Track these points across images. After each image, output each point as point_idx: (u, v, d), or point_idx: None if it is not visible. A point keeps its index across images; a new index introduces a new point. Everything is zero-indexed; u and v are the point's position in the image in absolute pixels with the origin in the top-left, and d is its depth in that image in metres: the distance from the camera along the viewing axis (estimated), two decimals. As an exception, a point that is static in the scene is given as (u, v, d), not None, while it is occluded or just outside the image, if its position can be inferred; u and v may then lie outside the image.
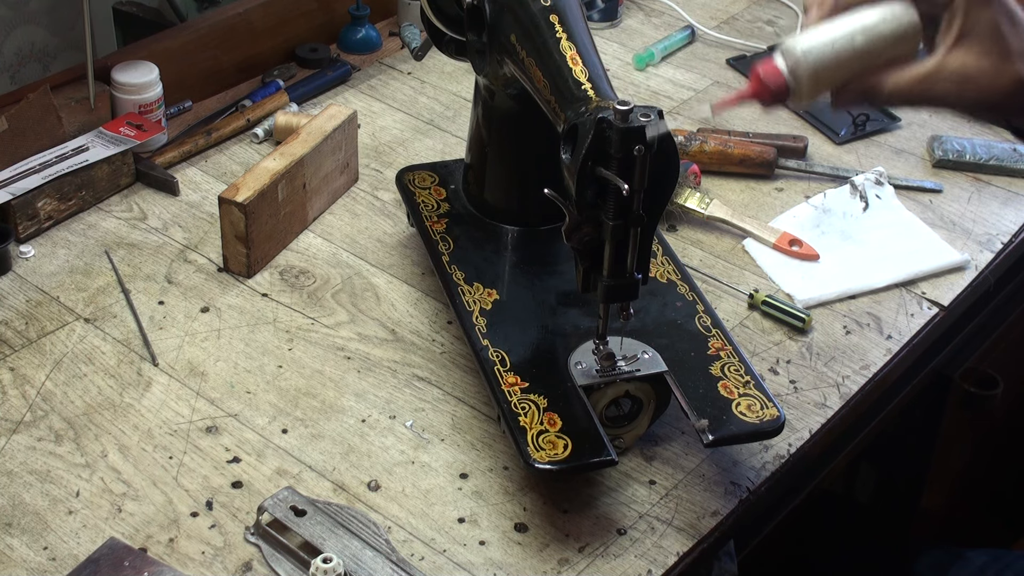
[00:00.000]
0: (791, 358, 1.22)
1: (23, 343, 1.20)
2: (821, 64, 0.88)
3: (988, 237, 1.40)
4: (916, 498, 1.68)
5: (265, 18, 1.62)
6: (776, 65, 0.90)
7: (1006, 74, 0.86)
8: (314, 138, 1.34)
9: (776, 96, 0.90)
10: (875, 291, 1.31)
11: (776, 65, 0.90)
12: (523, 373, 1.07)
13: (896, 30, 0.87)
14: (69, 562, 0.98)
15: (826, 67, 0.88)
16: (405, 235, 1.36)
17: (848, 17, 0.89)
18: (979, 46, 0.85)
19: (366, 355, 1.20)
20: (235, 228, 1.26)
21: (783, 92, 0.89)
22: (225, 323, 1.23)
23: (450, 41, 1.21)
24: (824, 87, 0.89)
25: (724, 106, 0.93)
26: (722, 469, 1.09)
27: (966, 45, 0.86)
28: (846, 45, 0.87)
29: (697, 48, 1.76)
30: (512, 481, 1.07)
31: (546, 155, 1.06)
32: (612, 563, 1.01)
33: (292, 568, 0.98)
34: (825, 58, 0.87)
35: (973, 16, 0.85)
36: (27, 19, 1.65)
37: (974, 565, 1.40)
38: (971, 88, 0.86)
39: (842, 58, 0.87)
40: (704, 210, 1.38)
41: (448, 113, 1.58)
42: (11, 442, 1.09)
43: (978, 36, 0.85)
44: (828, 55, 0.87)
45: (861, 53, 0.87)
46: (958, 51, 0.86)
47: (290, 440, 1.10)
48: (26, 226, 1.32)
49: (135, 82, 1.43)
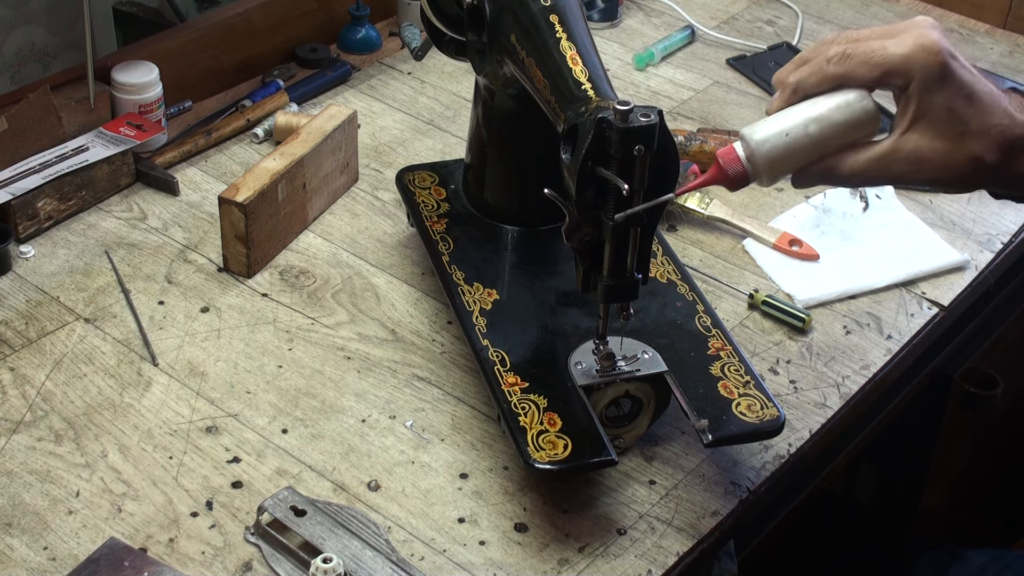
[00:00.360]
0: (791, 358, 1.22)
1: (23, 343, 1.20)
2: (775, 153, 0.89)
3: (988, 237, 1.40)
4: (916, 498, 1.68)
5: (265, 18, 1.62)
6: (735, 152, 0.91)
7: (961, 153, 0.87)
8: (314, 138, 1.34)
9: (736, 181, 0.92)
10: (875, 291, 1.31)
11: (735, 152, 0.91)
12: (523, 373, 1.07)
13: (850, 118, 0.89)
14: (69, 562, 0.98)
15: (780, 156, 0.89)
16: (405, 235, 1.36)
17: (804, 105, 0.90)
18: (933, 129, 0.86)
19: (366, 355, 1.20)
20: (235, 228, 1.26)
21: (742, 178, 0.91)
22: (225, 323, 1.23)
23: (450, 41, 1.21)
24: (781, 173, 0.91)
25: (687, 191, 0.95)
26: (722, 469, 1.09)
27: (920, 129, 0.87)
28: (800, 134, 0.89)
29: (697, 48, 1.76)
30: (512, 481, 1.07)
31: (546, 155, 1.06)
32: (612, 563, 1.01)
33: (292, 568, 0.98)
34: (779, 147, 0.89)
35: (927, 100, 0.86)
36: (27, 19, 1.65)
37: (974, 565, 1.40)
38: (926, 168, 0.87)
39: (796, 146, 0.89)
40: (704, 210, 1.39)
41: (448, 113, 1.58)
42: (11, 442, 1.09)
43: (931, 120, 0.86)
44: (782, 144, 0.89)
45: (815, 141, 0.89)
46: (912, 134, 0.87)
47: (290, 440, 1.10)
48: (26, 226, 1.32)
49: (135, 82, 1.43)
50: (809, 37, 1.79)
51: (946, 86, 0.86)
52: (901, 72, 0.86)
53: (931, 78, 0.85)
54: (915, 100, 0.87)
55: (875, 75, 0.88)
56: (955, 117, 0.86)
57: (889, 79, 0.88)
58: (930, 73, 0.85)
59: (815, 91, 0.90)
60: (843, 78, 0.89)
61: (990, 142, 0.87)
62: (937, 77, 0.85)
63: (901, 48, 0.86)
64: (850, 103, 0.89)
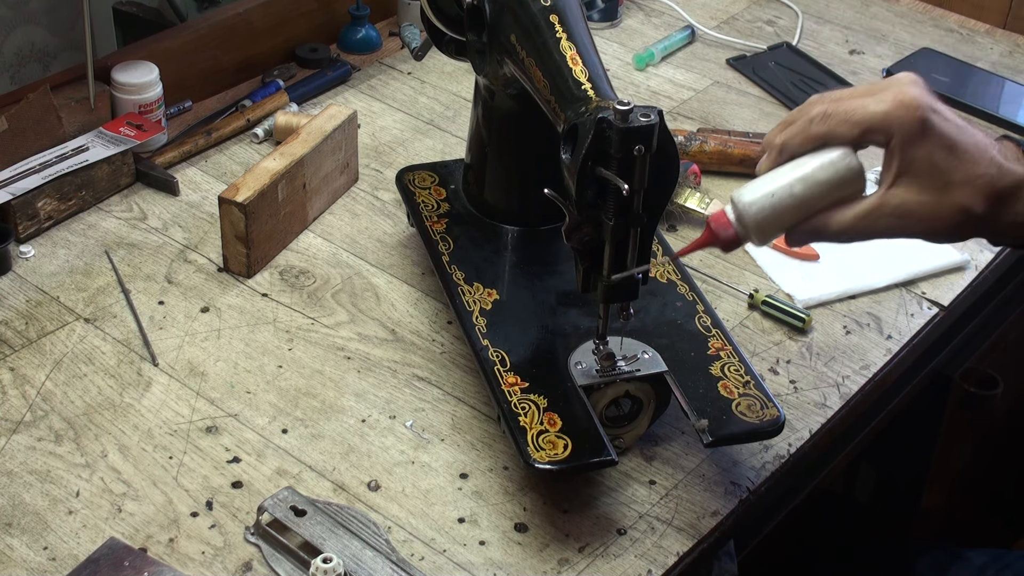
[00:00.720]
0: (791, 358, 1.22)
1: (23, 343, 1.20)
2: (763, 215, 0.91)
3: (988, 237, 1.40)
4: (916, 498, 1.68)
5: (265, 18, 1.62)
6: (726, 216, 0.93)
7: (947, 206, 0.87)
8: (314, 138, 1.34)
9: (728, 244, 0.94)
10: (875, 291, 1.31)
11: (726, 216, 0.93)
12: (523, 373, 1.07)
13: (833, 177, 0.90)
14: (69, 562, 0.98)
15: (768, 217, 0.91)
16: (405, 235, 1.36)
17: (790, 165, 0.92)
18: (917, 183, 0.87)
19: (366, 355, 1.20)
20: (235, 228, 1.26)
21: (733, 240, 0.93)
22: (225, 323, 1.23)
23: (450, 41, 1.21)
24: (772, 233, 0.93)
25: (683, 253, 0.97)
26: (722, 469, 1.09)
27: (904, 183, 0.88)
28: (785, 195, 0.90)
29: (697, 48, 1.76)
30: (512, 481, 1.07)
31: (546, 155, 1.06)
32: (612, 563, 1.01)
33: (292, 568, 0.98)
34: (766, 208, 0.91)
35: (909, 155, 0.87)
36: (27, 19, 1.65)
37: (974, 565, 1.40)
38: (913, 221, 0.88)
39: (783, 207, 0.91)
40: (704, 210, 1.38)
41: (448, 113, 1.58)
42: (11, 442, 1.09)
43: (915, 174, 0.87)
44: (768, 206, 0.91)
45: (800, 201, 0.90)
46: (897, 188, 0.88)
47: (290, 440, 1.10)
48: (26, 226, 1.32)
49: (135, 82, 1.43)
50: (809, 37, 1.79)
51: (927, 140, 0.86)
52: (881, 129, 0.88)
53: (911, 133, 0.87)
54: (897, 155, 0.88)
55: (855, 133, 0.89)
56: (938, 170, 0.87)
57: (869, 136, 0.89)
58: (910, 129, 0.86)
59: (800, 151, 0.91)
60: (826, 137, 0.90)
61: (975, 193, 0.87)
62: (917, 132, 0.86)
63: (880, 106, 0.88)
64: (834, 162, 0.90)
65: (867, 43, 1.79)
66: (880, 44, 1.79)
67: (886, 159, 0.89)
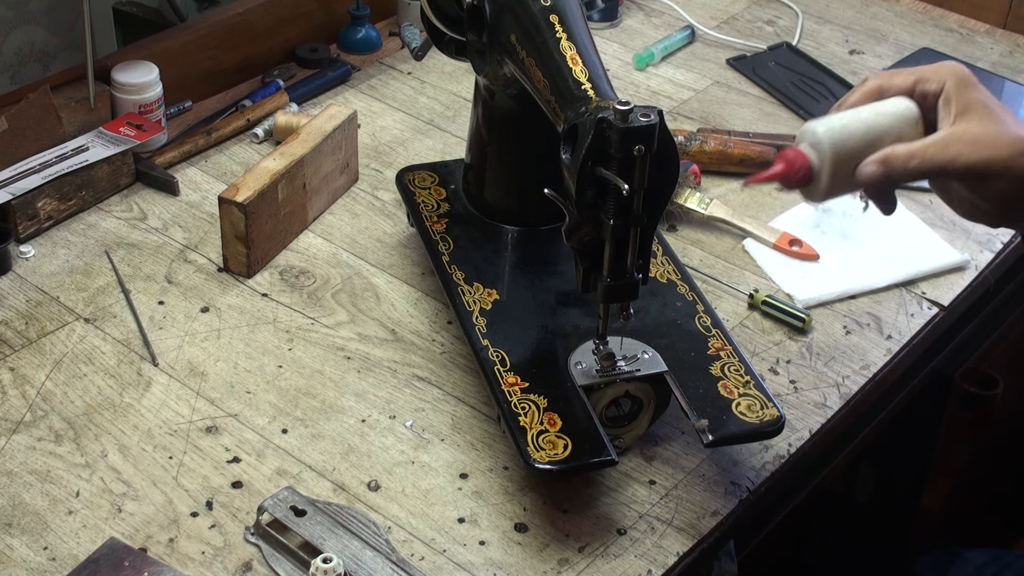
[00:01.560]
0: (791, 358, 1.22)
1: (23, 343, 1.20)
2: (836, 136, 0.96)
3: (988, 237, 1.40)
4: (916, 498, 1.68)
5: (265, 18, 1.62)
6: (799, 147, 0.98)
7: (1008, 135, 0.94)
8: (314, 138, 1.34)
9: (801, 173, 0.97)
10: (875, 291, 1.31)
11: (799, 147, 0.98)
12: (523, 373, 1.07)
13: (895, 112, 0.97)
14: (69, 562, 0.98)
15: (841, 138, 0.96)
16: (405, 235, 1.36)
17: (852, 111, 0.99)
18: (978, 117, 0.95)
19: (366, 355, 1.20)
20: (235, 228, 1.26)
21: (806, 171, 0.97)
22: (225, 323, 1.23)
23: (450, 41, 1.21)
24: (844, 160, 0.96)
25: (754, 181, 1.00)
26: (722, 469, 1.09)
27: (967, 119, 0.95)
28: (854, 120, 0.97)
29: (697, 48, 1.76)
30: (512, 481, 1.07)
31: (546, 155, 1.06)
32: (612, 563, 1.01)
33: (292, 568, 0.98)
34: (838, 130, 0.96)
35: (965, 96, 0.95)
36: (27, 19, 1.65)
37: (974, 565, 1.40)
38: (982, 147, 0.93)
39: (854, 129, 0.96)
40: (704, 210, 1.38)
41: (448, 113, 1.58)
42: (11, 442, 1.09)
43: (975, 110, 0.95)
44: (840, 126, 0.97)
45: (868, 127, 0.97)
46: (961, 123, 0.95)
47: (290, 440, 1.10)
48: (26, 226, 1.32)
49: (135, 82, 1.43)
50: (809, 37, 1.79)
51: (978, 88, 0.95)
52: (934, 78, 0.96)
53: (964, 80, 0.95)
54: (954, 98, 0.95)
55: (910, 81, 0.97)
56: (992, 112, 0.94)
57: (922, 85, 0.97)
58: (961, 76, 0.96)
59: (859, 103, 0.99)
60: (881, 88, 0.98)
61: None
62: (969, 80, 0.96)
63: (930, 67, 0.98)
64: (895, 102, 0.97)
65: (867, 43, 1.79)
66: (880, 44, 1.79)
67: (943, 104, 0.96)
